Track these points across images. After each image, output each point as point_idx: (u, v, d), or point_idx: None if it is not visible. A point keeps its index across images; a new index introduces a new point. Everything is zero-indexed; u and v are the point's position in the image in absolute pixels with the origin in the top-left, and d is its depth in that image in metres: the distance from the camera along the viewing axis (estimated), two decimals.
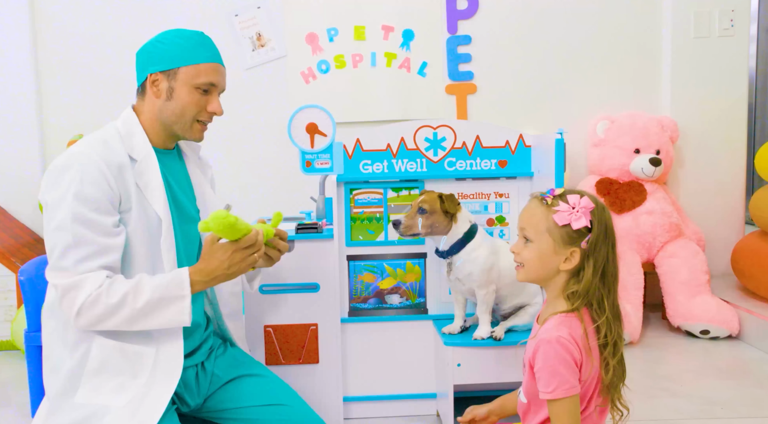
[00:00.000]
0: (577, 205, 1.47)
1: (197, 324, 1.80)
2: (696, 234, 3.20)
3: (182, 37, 1.71)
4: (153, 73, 1.71)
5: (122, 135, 1.69)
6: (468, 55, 3.33)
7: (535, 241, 1.50)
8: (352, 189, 2.16)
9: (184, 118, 1.72)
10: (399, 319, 2.20)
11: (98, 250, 1.56)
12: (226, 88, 1.80)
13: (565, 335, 1.43)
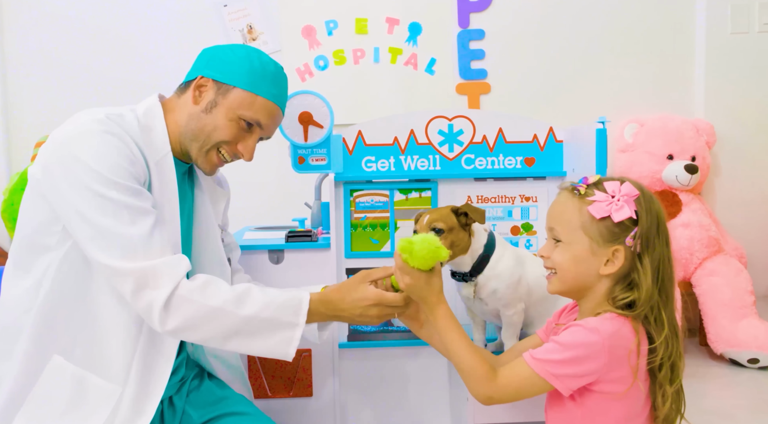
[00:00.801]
0: (617, 193, 1.21)
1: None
2: (736, 250, 2.88)
3: (258, 60, 1.46)
4: (205, 77, 1.43)
5: (141, 126, 1.39)
6: (481, 51, 3.03)
7: (567, 241, 1.25)
8: (353, 190, 1.84)
9: (207, 140, 1.44)
10: (407, 344, 1.86)
11: (160, 220, 1.30)
12: (271, 138, 1.53)
13: (606, 331, 1.15)
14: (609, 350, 1.14)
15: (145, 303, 1.26)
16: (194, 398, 1.54)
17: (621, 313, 1.18)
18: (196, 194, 1.56)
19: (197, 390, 1.55)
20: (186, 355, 1.60)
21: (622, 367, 1.15)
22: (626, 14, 3.06)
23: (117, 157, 1.28)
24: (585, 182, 1.26)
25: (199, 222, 1.55)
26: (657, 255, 1.19)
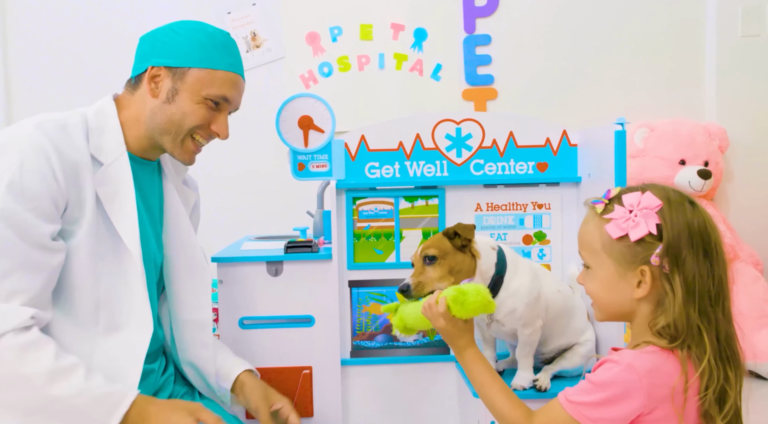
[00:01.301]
0: (635, 207, 1.03)
1: (150, 369, 1.36)
2: (752, 257, 2.70)
3: (204, 33, 1.34)
4: (156, 66, 1.30)
5: (91, 128, 1.27)
6: (487, 56, 2.87)
7: (594, 266, 1.09)
8: (356, 198, 1.68)
9: (180, 130, 1.32)
10: (414, 360, 1.70)
11: (23, 264, 1.12)
12: (239, 108, 1.41)
13: (643, 368, 0.98)
14: (647, 389, 0.98)
15: None
16: None
17: (663, 346, 1.01)
18: (165, 191, 1.44)
19: None
20: (174, 370, 1.47)
21: (666, 406, 0.97)
22: (635, 18, 2.89)
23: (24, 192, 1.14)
24: (607, 196, 1.09)
25: (171, 218, 1.43)
26: (690, 271, 1.01)
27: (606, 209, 1.07)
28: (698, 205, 1.03)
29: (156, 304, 1.41)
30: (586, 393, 1.01)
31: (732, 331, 1.03)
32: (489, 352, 1.55)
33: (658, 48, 2.90)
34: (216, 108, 1.34)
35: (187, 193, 1.51)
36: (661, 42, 2.90)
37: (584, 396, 1.01)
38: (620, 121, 1.49)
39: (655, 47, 2.90)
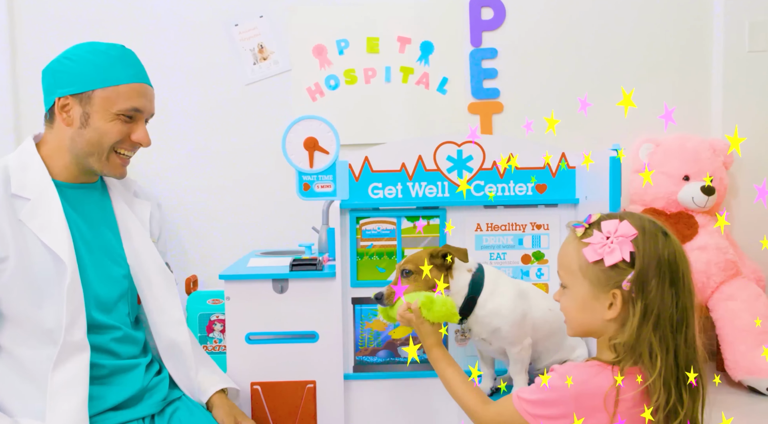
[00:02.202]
0: (612, 234, 1.15)
1: (122, 367, 1.47)
2: (755, 273, 2.77)
3: (97, 53, 1.43)
4: (62, 96, 1.41)
5: (12, 171, 1.39)
6: (493, 70, 2.96)
7: (570, 286, 1.22)
8: (359, 218, 1.78)
9: (100, 149, 1.43)
10: (414, 376, 1.80)
11: None
12: (155, 113, 1.50)
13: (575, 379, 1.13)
14: (575, 398, 1.12)
15: None
16: (178, 419, 1.49)
17: (604, 361, 1.15)
18: (115, 208, 1.54)
19: (182, 411, 1.51)
20: (167, 374, 1.57)
21: (600, 415, 1.10)
22: (642, 33, 2.97)
23: None
24: (588, 221, 1.21)
25: (125, 232, 1.53)
26: (653, 298, 1.12)
27: (586, 233, 1.19)
28: (671, 237, 1.15)
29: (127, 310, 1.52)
30: (530, 392, 1.20)
31: (693, 357, 1.12)
32: (487, 370, 1.64)
33: (664, 62, 2.97)
34: (130, 120, 1.44)
35: (140, 204, 1.61)
36: (668, 56, 2.97)
37: (528, 394, 1.20)
38: (615, 147, 1.58)
39: (661, 62, 2.97)
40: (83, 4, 2.92)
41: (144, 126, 1.47)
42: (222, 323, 2.61)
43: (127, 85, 1.41)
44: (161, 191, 2.80)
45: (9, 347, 1.36)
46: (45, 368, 1.34)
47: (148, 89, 1.47)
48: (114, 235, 1.51)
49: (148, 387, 1.51)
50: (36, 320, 1.36)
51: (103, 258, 1.46)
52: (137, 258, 1.51)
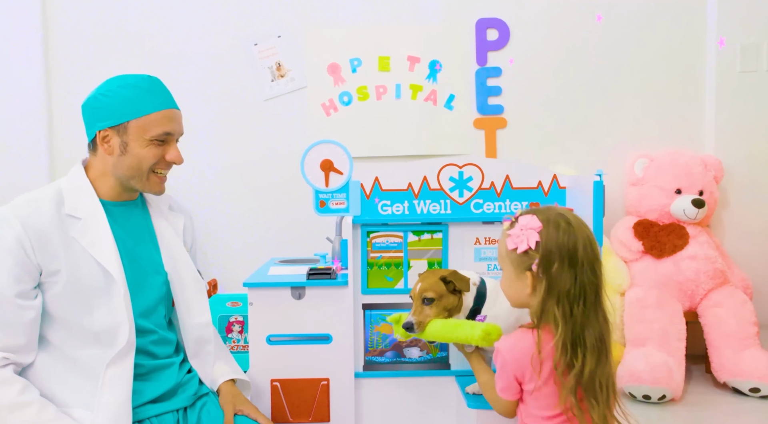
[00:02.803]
0: (524, 227, 1.44)
1: (160, 365, 1.69)
2: (743, 281, 2.97)
3: (127, 87, 1.63)
4: (102, 129, 1.62)
5: (66, 194, 1.61)
6: (498, 87, 3.17)
7: (503, 269, 1.52)
8: (370, 232, 2.00)
9: (140, 172, 1.64)
10: (419, 374, 2.01)
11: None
12: (184, 132, 1.71)
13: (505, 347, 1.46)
14: (511, 360, 1.44)
15: None
16: (208, 413, 1.71)
17: (527, 326, 1.46)
18: (154, 221, 1.75)
19: (210, 405, 1.73)
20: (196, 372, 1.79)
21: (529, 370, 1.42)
22: (639, 54, 3.17)
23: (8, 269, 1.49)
24: (515, 215, 1.50)
25: (163, 242, 1.74)
26: (557, 278, 1.41)
27: (511, 226, 1.47)
28: (574, 227, 1.43)
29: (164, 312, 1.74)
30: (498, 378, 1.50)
31: (587, 323, 1.41)
32: None
33: (661, 82, 3.17)
34: (163, 143, 1.64)
35: (175, 217, 1.82)
36: (663, 76, 3.17)
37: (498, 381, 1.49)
38: (599, 173, 1.78)
39: (657, 81, 3.17)
40: (115, 30, 3.17)
41: (176, 146, 1.67)
42: (240, 324, 2.85)
43: (157, 112, 1.62)
44: (184, 202, 3.02)
45: (60, 346, 1.58)
46: (92, 365, 1.56)
47: (176, 113, 1.67)
48: (153, 246, 1.72)
49: (181, 383, 1.72)
50: (84, 325, 1.57)
51: (145, 268, 1.68)
52: (174, 266, 1.73)
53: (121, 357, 1.56)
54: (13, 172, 3.15)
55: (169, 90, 1.68)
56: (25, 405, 1.47)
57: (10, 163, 3.15)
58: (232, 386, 1.77)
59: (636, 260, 2.93)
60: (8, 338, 1.49)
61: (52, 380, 1.55)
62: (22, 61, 3.14)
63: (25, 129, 3.15)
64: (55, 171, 3.18)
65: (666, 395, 2.54)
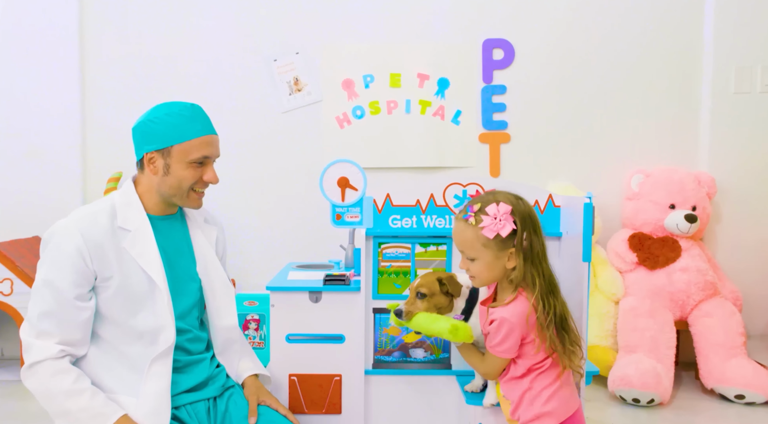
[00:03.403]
0: (498, 214, 1.68)
1: (193, 360, 1.93)
2: (733, 293, 3.19)
3: (172, 115, 1.86)
4: (148, 152, 1.86)
5: (118, 208, 1.85)
6: (502, 104, 3.40)
7: (478, 257, 1.72)
8: (381, 243, 2.23)
9: (181, 191, 1.87)
10: (423, 373, 2.24)
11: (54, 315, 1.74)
12: (220, 154, 1.95)
13: (511, 313, 1.71)
14: (518, 324, 1.70)
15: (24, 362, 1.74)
16: (237, 405, 1.95)
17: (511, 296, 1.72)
18: (191, 234, 2.00)
19: (236, 396, 1.97)
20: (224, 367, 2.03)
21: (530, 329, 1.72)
22: (638, 75, 3.40)
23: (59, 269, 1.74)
24: (472, 211, 1.71)
25: (199, 254, 1.99)
26: (527, 244, 1.71)
27: (477, 220, 1.69)
28: (523, 199, 1.75)
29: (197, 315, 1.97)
30: (495, 338, 1.74)
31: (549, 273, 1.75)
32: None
33: (658, 101, 3.40)
34: (201, 165, 1.87)
35: (209, 229, 2.06)
36: (661, 96, 3.40)
37: (495, 340, 1.74)
38: (589, 195, 2.01)
39: (655, 101, 3.40)
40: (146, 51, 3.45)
41: (212, 168, 1.91)
42: (256, 322, 3.08)
43: (198, 138, 1.84)
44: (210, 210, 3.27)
45: (110, 341, 1.82)
46: (136, 359, 1.80)
47: (214, 138, 1.90)
48: (190, 255, 1.96)
49: (211, 376, 1.97)
50: (131, 325, 1.81)
51: (182, 276, 1.92)
52: (207, 274, 1.97)
53: (164, 354, 1.80)
54: (49, 182, 3.44)
55: (208, 117, 1.92)
56: (80, 392, 1.71)
57: (46, 173, 3.43)
58: (256, 380, 2.01)
59: (630, 271, 3.16)
60: (66, 334, 1.73)
61: (101, 370, 1.79)
62: (61, 80, 3.44)
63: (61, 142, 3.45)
64: (86, 180, 3.45)
65: (654, 399, 2.77)
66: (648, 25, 3.38)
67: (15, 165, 3.44)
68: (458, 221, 1.76)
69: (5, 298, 3.12)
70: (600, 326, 3.05)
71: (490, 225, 1.68)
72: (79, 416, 1.70)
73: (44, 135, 3.43)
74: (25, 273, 3.11)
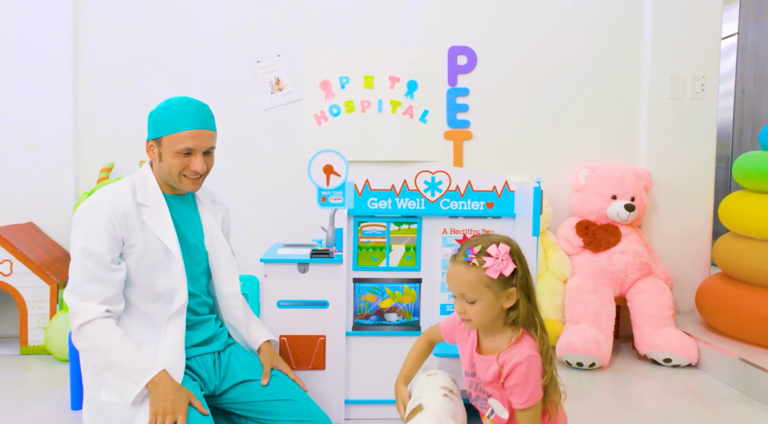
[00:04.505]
0: (499, 255, 1.72)
1: (201, 320, 2.28)
2: (665, 273, 3.66)
3: (167, 109, 2.14)
4: (149, 140, 2.21)
5: (137, 186, 2.18)
6: (465, 105, 3.81)
7: (479, 299, 1.74)
8: (360, 222, 2.62)
9: (171, 176, 2.19)
10: (396, 334, 2.64)
11: (96, 279, 2.04)
12: (214, 144, 2.22)
13: (535, 352, 1.75)
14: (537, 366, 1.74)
15: (71, 324, 2.04)
16: (238, 358, 2.30)
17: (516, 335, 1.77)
18: (200, 212, 2.33)
19: (242, 355, 2.32)
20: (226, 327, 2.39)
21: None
22: (587, 82, 3.82)
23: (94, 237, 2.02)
24: (472, 253, 1.74)
25: (207, 230, 2.32)
26: (523, 281, 1.75)
27: (479, 261, 1.72)
28: (512, 241, 1.80)
29: (205, 282, 2.32)
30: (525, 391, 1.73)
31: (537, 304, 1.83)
32: None
33: (603, 105, 3.85)
34: (188, 155, 2.16)
35: (216, 208, 2.39)
36: (606, 100, 3.85)
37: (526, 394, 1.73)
38: (538, 180, 2.43)
39: (601, 104, 3.84)
40: (139, 50, 3.75)
41: (199, 158, 2.15)
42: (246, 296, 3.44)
43: (185, 131, 2.12)
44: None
45: (135, 303, 2.14)
46: (156, 317, 2.12)
47: (202, 132, 2.14)
48: (199, 230, 2.31)
49: (216, 334, 2.32)
50: (151, 287, 2.13)
51: (192, 247, 2.26)
52: (212, 248, 2.32)
53: (178, 312, 2.15)
54: (44, 172, 3.72)
55: (206, 114, 2.17)
56: (126, 347, 2.01)
57: (40, 163, 3.71)
58: (270, 346, 2.36)
59: (577, 253, 3.62)
60: (107, 293, 2.04)
61: (130, 329, 2.12)
62: (55, 77, 3.70)
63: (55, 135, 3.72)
64: (79, 170, 3.75)
65: (595, 363, 3.22)
66: (595, 39, 3.79)
67: (12, 156, 3.68)
68: (457, 264, 1.76)
69: (5, 278, 3.40)
70: (550, 301, 3.49)
71: (494, 265, 1.68)
72: (126, 367, 1.98)
73: (39, 128, 3.67)
74: (24, 255, 3.40)
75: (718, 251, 3.47)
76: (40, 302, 3.41)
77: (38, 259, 3.45)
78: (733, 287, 3.32)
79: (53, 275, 3.43)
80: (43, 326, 3.41)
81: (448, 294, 2.61)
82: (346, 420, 2.62)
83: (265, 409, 2.25)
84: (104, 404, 2.03)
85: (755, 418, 2.69)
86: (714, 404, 2.84)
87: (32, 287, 3.40)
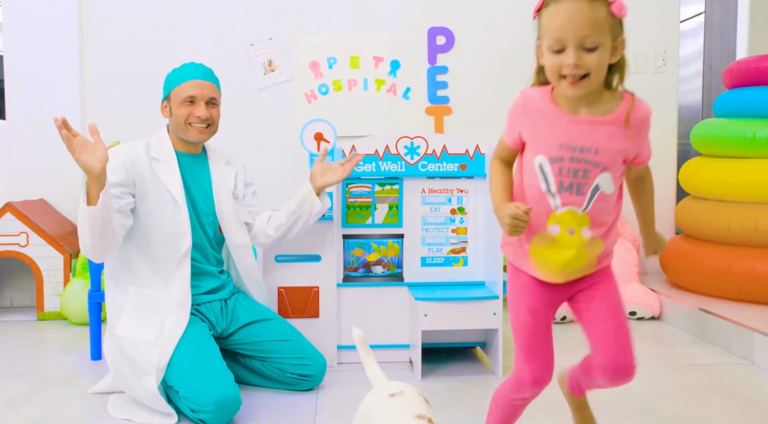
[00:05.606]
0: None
1: (208, 271, 2.60)
2: (632, 235, 4.01)
3: (173, 71, 2.56)
4: (161, 101, 2.57)
5: (152, 144, 2.52)
6: (445, 82, 4.14)
7: (601, 44, 1.41)
8: (348, 184, 2.96)
9: (180, 127, 2.52)
10: (381, 285, 2.97)
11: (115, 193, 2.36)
12: (216, 96, 2.55)
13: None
14: None
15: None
16: (242, 305, 2.64)
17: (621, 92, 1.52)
18: (211, 171, 2.64)
19: (245, 302, 2.66)
20: (232, 279, 2.72)
21: None
22: None
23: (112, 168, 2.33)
24: None
25: (216, 189, 2.62)
26: None
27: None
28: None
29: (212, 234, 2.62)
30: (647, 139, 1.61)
31: None
32: None
33: None
34: (192, 104, 2.50)
35: (229, 169, 2.68)
36: None
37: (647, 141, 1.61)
38: None
39: None
40: (136, 30, 4.07)
41: (202, 106, 2.48)
42: None
43: (186, 82, 2.47)
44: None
45: (145, 248, 2.47)
46: (163, 261, 2.44)
47: (202, 82, 2.48)
48: (209, 187, 2.62)
49: (223, 283, 2.66)
50: (161, 228, 2.44)
51: (200, 201, 2.59)
52: (219, 204, 2.63)
53: (184, 256, 2.49)
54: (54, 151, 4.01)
55: (205, 69, 2.53)
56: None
57: (50, 143, 4.01)
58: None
59: None
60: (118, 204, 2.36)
61: (141, 274, 2.47)
62: (63, 62, 4.02)
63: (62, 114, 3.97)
64: None
65: (567, 317, 3.57)
66: None
67: (23, 136, 4.01)
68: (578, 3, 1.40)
69: (22, 249, 3.73)
70: None
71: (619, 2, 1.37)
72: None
73: (49, 110, 3.99)
74: (39, 227, 3.73)
75: (679, 214, 3.82)
76: (55, 271, 3.73)
77: (52, 232, 3.77)
78: (692, 245, 3.66)
79: (66, 246, 3.75)
80: (58, 293, 3.73)
81: (427, 248, 2.95)
82: (338, 364, 2.95)
83: (267, 348, 2.59)
84: (119, 338, 2.37)
85: (707, 355, 3.06)
86: (672, 347, 3.20)
87: (47, 257, 3.72)
